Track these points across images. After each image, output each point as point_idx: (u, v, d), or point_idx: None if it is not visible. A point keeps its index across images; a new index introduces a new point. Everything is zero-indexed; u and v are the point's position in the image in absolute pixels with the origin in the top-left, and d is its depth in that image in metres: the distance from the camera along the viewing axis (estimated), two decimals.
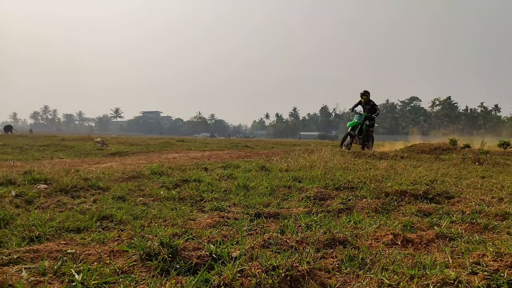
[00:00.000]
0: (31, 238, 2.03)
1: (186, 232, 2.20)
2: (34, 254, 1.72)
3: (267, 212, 2.91)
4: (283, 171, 5.47)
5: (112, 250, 1.78)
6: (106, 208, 2.74)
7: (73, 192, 3.31)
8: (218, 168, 5.64)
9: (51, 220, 2.35)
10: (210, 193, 3.73)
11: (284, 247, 1.82)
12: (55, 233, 2.13)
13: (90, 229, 2.31)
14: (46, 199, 2.96)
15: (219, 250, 1.68)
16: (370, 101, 11.97)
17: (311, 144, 14.33)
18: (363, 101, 11.96)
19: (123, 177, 4.38)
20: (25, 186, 3.26)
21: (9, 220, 2.31)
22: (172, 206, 3.11)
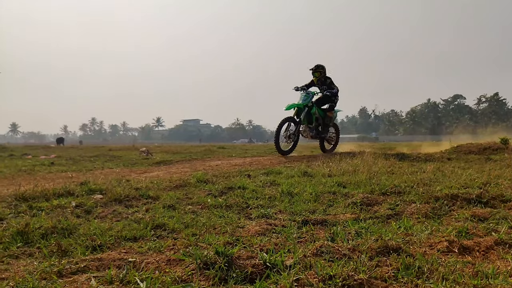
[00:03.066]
0: (93, 247, 2.15)
1: (237, 240, 2.25)
2: (98, 263, 1.83)
3: (314, 219, 2.91)
4: (326, 176, 5.42)
5: (169, 259, 1.86)
6: (158, 217, 2.85)
7: (126, 202, 3.46)
8: (261, 175, 5.69)
9: (109, 230, 2.48)
10: (255, 200, 3.78)
11: (337, 255, 1.82)
12: (115, 242, 2.26)
13: (146, 238, 2.41)
14: (103, 209, 3.12)
15: (273, 258, 1.71)
16: (326, 79, 9.08)
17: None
18: (315, 80, 9.14)
19: (171, 185, 4.52)
20: (83, 197, 3.46)
21: (72, 229, 2.46)
22: (220, 214, 3.18)
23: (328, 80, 9.14)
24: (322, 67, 9.15)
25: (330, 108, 9.26)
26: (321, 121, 9.11)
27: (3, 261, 1.92)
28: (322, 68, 9.15)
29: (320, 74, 9.09)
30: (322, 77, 9.12)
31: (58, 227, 2.44)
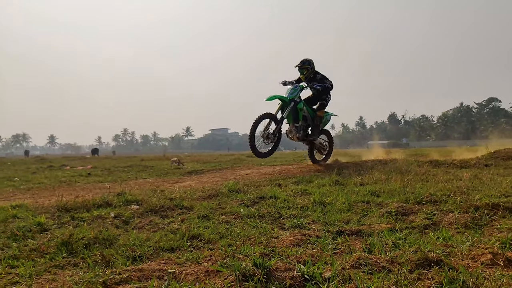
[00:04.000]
0: (134, 257, 2.22)
1: (273, 251, 2.26)
2: (140, 273, 1.89)
3: (349, 230, 2.87)
4: (358, 185, 5.35)
5: (207, 270, 1.89)
6: (193, 228, 2.90)
7: (162, 212, 3.54)
8: (291, 184, 5.67)
9: (148, 240, 2.55)
10: (287, 209, 3.77)
11: (376, 268, 1.80)
12: (154, 253, 2.32)
13: (183, 248, 2.46)
14: (140, 220, 3.21)
15: (311, 270, 1.71)
16: (316, 75, 7.80)
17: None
18: (303, 77, 7.84)
19: (204, 195, 4.58)
20: (121, 207, 3.57)
21: (112, 240, 2.54)
22: (253, 224, 3.20)
23: (318, 75, 7.84)
24: (309, 61, 7.82)
25: (321, 106, 7.85)
26: (310, 121, 7.79)
27: (50, 271, 2.01)
28: (309, 63, 7.81)
29: (308, 71, 7.81)
30: (310, 73, 7.83)
31: (100, 238, 2.53)
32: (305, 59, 7.83)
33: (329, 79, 7.84)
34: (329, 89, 7.77)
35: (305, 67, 7.79)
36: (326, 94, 7.85)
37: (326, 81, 7.73)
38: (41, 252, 2.28)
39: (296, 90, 7.37)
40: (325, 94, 7.83)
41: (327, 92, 7.86)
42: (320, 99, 7.90)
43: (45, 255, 2.24)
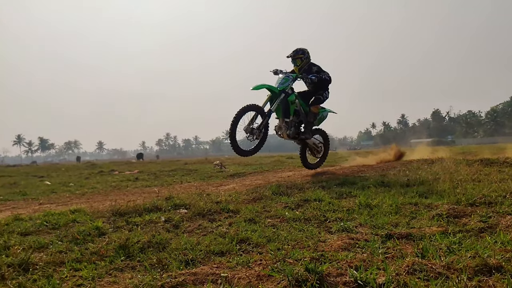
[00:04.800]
0: (186, 261, 2.30)
1: (322, 255, 2.26)
2: (194, 277, 1.95)
3: (398, 233, 2.81)
4: (405, 186, 5.20)
5: (259, 274, 1.93)
6: (241, 231, 2.95)
7: (209, 216, 3.63)
8: (335, 186, 5.60)
9: (198, 244, 2.63)
10: (332, 212, 3.74)
11: (432, 274, 1.75)
12: (205, 257, 2.39)
13: (232, 252, 2.52)
14: (189, 224, 3.31)
15: (364, 276, 1.70)
16: (311, 67, 6.91)
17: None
18: (296, 69, 6.94)
19: (248, 198, 4.64)
20: (170, 212, 3.70)
21: (165, 244, 2.65)
22: (300, 227, 3.20)
23: (314, 67, 6.94)
24: (303, 51, 6.94)
25: (316, 101, 6.89)
26: (303, 117, 6.79)
27: (111, 273, 2.13)
28: (304, 52, 6.93)
29: (302, 62, 6.91)
30: (305, 64, 6.93)
31: (153, 242, 2.64)
32: (298, 48, 6.95)
33: (326, 71, 6.97)
34: (326, 82, 6.87)
35: (299, 57, 6.87)
36: (323, 89, 6.98)
37: (323, 73, 6.86)
38: (101, 255, 2.41)
39: (287, 80, 6.45)
40: (322, 89, 6.97)
41: (325, 86, 6.98)
42: (317, 94, 6.95)
43: (104, 258, 2.37)
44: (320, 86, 6.88)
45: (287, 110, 6.53)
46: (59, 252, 2.43)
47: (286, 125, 6.67)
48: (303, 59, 6.84)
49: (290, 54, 6.87)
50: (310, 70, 6.83)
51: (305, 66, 6.87)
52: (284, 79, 6.42)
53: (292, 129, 6.70)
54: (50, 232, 2.97)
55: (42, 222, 3.19)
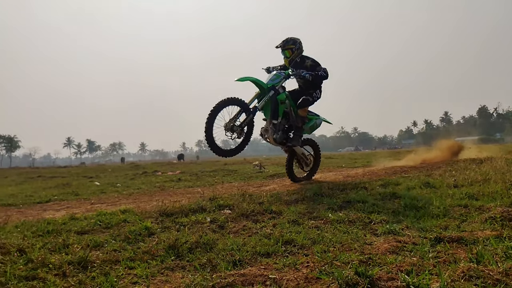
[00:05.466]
0: (234, 262, 2.35)
1: (369, 258, 2.23)
2: (243, 278, 1.99)
3: (448, 236, 2.71)
4: (452, 187, 5.01)
5: (306, 277, 1.94)
6: (286, 233, 2.97)
7: (253, 217, 3.67)
8: (378, 187, 5.49)
9: (244, 245, 2.67)
10: (377, 214, 3.67)
11: (489, 281, 1.68)
12: (252, 258, 2.42)
13: (278, 254, 2.54)
14: (233, 224, 3.37)
15: (416, 281, 1.67)
16: (304, 60, 6.15)
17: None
18: (286, 62, 6.24)
19: (290, 199, 4.65)
20: (215, 212, 3.78)
21: (212, 244, 2.71)
22: (344, 229, 3.17)
23: (307, 60, 6.11)
24: (294, 41, 6.14)
25: (304, 103, 5.99)
26: (293, 120, 6.02)
27: (163, 272, 2.21)
28: (295, 42, 6.14)
29: (292, 53, 6.13)
30: (296, 56, 6.16)
31: (201, 242, 2.72)
32: (289, 38, 6.17)
33: (322, 65, 6.10)
34: (321, 79, 6.06)
35: (289, 48, 6.12)
36: (315, 88, 6.17)
37: (318, 68, 6.00)
38: (152, 254, 2.51)
39: (279, 77, 5.77)
40: (314, 88, 6.16)
41: (317, 84, 6.18)
42: (306, 94, 6.09)
43: (156, 257, 2.47)
44: (313, 84, 6.12)
45: (276, 111, 5.79)
46: (114, 251, 2.56)
47: (273, 127, 5.90)
48: (293, 50, 6.12)
49: (279, 44, 6.18)
50: (303, 64, 6.10)
51: (296, 58, 6.16)
52: (276, 75, 5.79)
53: (279, 133, 5.92)
54: (103, 231, 3.12)
55: (96, 222, 3.36)
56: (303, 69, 5.97)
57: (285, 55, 6.18)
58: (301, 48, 6.19)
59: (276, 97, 5.69)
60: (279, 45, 6.15)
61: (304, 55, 6.18)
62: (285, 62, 6.24)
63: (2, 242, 2.46)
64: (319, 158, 6.91)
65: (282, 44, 6.12)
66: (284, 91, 5.90)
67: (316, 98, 6.16)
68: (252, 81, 5.51)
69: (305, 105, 5.99)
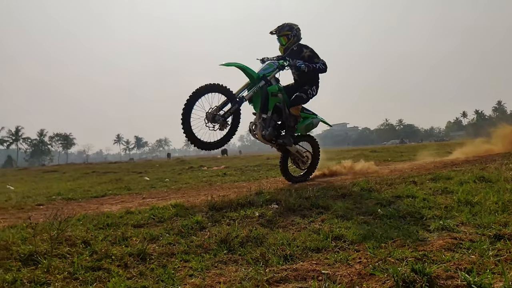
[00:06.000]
0: (285, 256, 2.38)
1: (424, 255, 2.18)
2: (295, 273, 2.02)
3: (509, 234, 2.59)
4: (510, 181, 4.74)
5: (360, 273, 1.93)
6: (335, 228, 2.96)
7: (300, 211, 3.68)
8: (428, 181, 5.31)
9: (294, 240, 2.69)
10: (428, 210, 3.57)
11: None
12: (302, 253, 2.44)
13: (328, 249, 2.54)
14: (282, 219, 3.39)
15: (478, 280, 1.61)
16: (302, 49, 5.64)
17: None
18: (281, 49, 5.78)
19: (336, 194, 4.60)
20: (262, 207, 3.82)
21: (262, 239, 2.76)
22: (395, 225, 3.11)
23: (306, 50, 5.58)
24: (291, 27, 5.64)
25: (297, 100, 5.49)
26: (286, 117, 5.47)
27: (217, 266, 2.29)
28: (291, 28, 5.64)
29: (288, 40, 5.64)
30: (292, 44, 5.68)
31: (251, 236, 2.77)
32: (285, 23, 5.67)
33: (321, 57, 5.56)
34: (318, 72, 5.54)
35: (285, 34, 5.62)
36: (312, 84, 5.64)
37: (316, 60, 5.49)
38: (204, 248, 2.60)
39: (272, 66, 5.31)
40: (310, 83, 5.62)
41: (314, 79, 5.67)
42: (300, 90, 5.56)
43: (208, 251, 2.55)
44: (310, 78, 5.62)
45: (266, 103, 5.28)
46: (169, 244, 2.67)
47: (262, 122, 5.37)
48: (290, 37, 5.63)
49: (274, 30, 5.70)
50: (300, 53, 5.58)
51: (292, 46, 5.68)
52: (269, 64, 5.33)
53: (269, 129, 5.35)
54: (157, 225, 3.25)
55: (150, 216, 3.51)
56: (300, 59, 5.49)
57: (280, 42, 5.73)
58: (299, 36, 5.73)
59: (267, 88, 5.22)
60: (273, 31, 5.69)
61: (302, 44, 5.71)
62: (280, 50, 5.77)
63: (68, 235, 2.64)
64: (318, 156, 6.37)
65: (277, 30, 5.67)
66: (278, 83, 5.47)
67: (311, 95, 5.65)
68: (240, 67, 5.05)
69: (298, 103, 5.49)
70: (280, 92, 5.37)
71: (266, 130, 5.34)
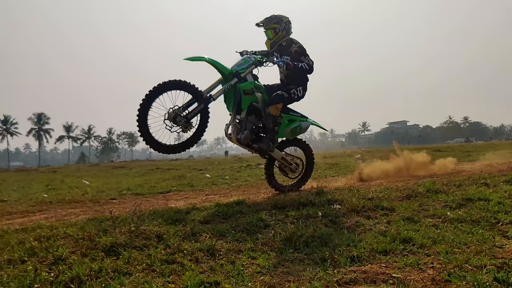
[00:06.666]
0: (351, 258, 2.36)
1: (505, 263, 2.05)
2: (364, 275, 2.00)
3: None
4: None
5: (433, 278, 1.86)
6: (402, 230, 2.87)
7: (363, 212, 3.62)
8: (502, 183, 4.96)
9: (360, 241, 2.66)
10: (505, 214, 3.34)
11: None
12: (369, 255, 2.41)
13: (396, 252, 2.48)
14: (345, 219, 3.36)
15: None
16: (291, 44, 5.06)
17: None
18: (268, 44, 5.20)
19: (401, 195, 4.45)
20: (324, 207, 3.80)
21: (326, 239, 2.76)
22: (467, 230, 2.95)
23: (294, 46, 5.02)
24: (279, 19, 5.08)
25: (276, 99, 4.83)
26: (264, 116, 4.84)
27: (283, 264, 2.32)
28: (279, 21, 5.07)
29: (276, 34, 5.06)
30: (281, 38, 5.09)
31: (315, 236, 2.77)
32: (273, 15, 5.09)
33: (308, 56, 4.98)
34: (302, 72, 4.96)
35: (272, 27, 5.05)
36: (298, 84, 5.07)
37: (302, 58, 4.91)
38: (270, 246, 2.65)
39: (247, 61, 4.77)
40: (296, 83, 5.06)
41: (301, 79, 5.10)
42: (284, 89, 4.98)
43: (274, 249, 2.60)
44: (296, 78, 5.08)
45: (238, 103, 4.74)
46: (236, 241, 2.75)
47: (238, 125, 4.84)
48: (277, 31, 5.04)
49: (261, 22, 5.13)
50: (288, 49, 5.03)
51: (281, 41, 5.09)
52: (244, 60, 4.80)
53: (245, 132, 4.76)
54: (222, 222, 3.37)
55: (215, 212, 3.64)
56: (288, 55, 4.98)
57: (267, 36, 5.15)
58: (288, 30, 5.14)
59: (238, 86, 4.66)
60: (260, 23, 5.14)
61: (292, 39, 5.13)
62: (266, 44, 5.21)
63: (142, 229, 2.82)
64: (312, 163, 5.57)
65: (264, 22, 5.11)
66: (256, 80, 4.87)
67: (296, 96, 5.04)
68: (209, 62, 4.50)
69: (277, 101, 4.81)
70: (257, 90, 4.81)
71: (242, 133, 4.77)
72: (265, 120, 4.81)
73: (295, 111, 5.24)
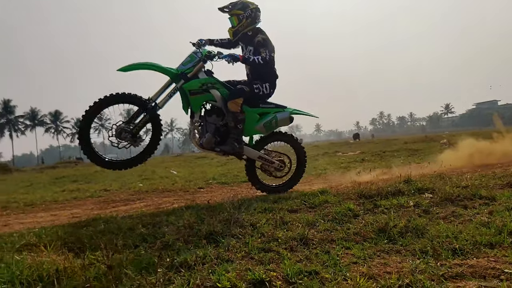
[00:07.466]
0: (453, 250, 2.25)
1: None
2: (471, 270, 1.90)
3: None
4: None
5: None
6: (508, 221, 2.64)
7: (459, 202, 3.39)
8: None
9: (460, 233, 2.51)
10: None
11: None
12: (473, 247, 2.27)
13: (503, 245, 2.30)
14: (439, 209, 3.19)
15: None
16: (258, 33, 4.55)
17: None
18: (231, 31, 4.61)
19: (501, 183, 4.11)
20: (414, 196, 3.65)
21: (422, 230, 2.65)
22: None
23: (259, 36, 4.53)
24: (244, 5, 4.54)
25: (233, 94, 4.37)
26: (226, 114, 4.40)
27: (379, 255, 2.29)
28: (244, 7, 4.54)
29: (239, 22, 4.54)
30: (245, 27, 4.59)
31: (410, 227, 2.68)
32: (238, 0, 4.57)
33: (270, 46, 4.47)
34: (259, 66, 4.40)
35: (235, 13, 4.54)
36: (264, 81, 4.57)
37: (262, 50, 4.41)
38: (362, 236, 2.62)
39: (193, 59, 4.31)
40: (262, 80, 4.57)
41: (268, 75, 4.61)
42: (247, 83, 4.57)
43: (367, 239, 2.56)
44: (262, 73, 4.58)
45: (189, 105, 4.37)
46: (326, 230, 2.77)
47: (193, 128, 4.46)
48: (241, 18, 4.53)
49: (224, 6, 4.59)
50: (252, 39, 4.57)
51: (246, 30, 4.60)
52: (190, 56, 4.34)
53: (207, 135, 4.39)
54: (309, 211, 3.39)
55: (301, 201, 3.67)
56: (252, 45, 4.58)
57: (231, 23, 4.63)
58: (254, 18, 4.59)
59: (183, 86, 4.26)
60: (224, 8, 4.60)
61: (259, 28, 4.67)
62: (229, 32, 4.69)
63: (236, 217, 2.97)
64: (303, 160, 5.03)
65: (228, 8, 4.58)
66: (209, 75, 4.40)
67: (260, 92, 4.56)
68: (148, 68, 4.11)
69: (235, 96, 4.35)
70: (212, 87, 4.37)
71: (203, 137, 4.40)
72: (226, 119, 4.42)
73: (268, 103, 4.73)
